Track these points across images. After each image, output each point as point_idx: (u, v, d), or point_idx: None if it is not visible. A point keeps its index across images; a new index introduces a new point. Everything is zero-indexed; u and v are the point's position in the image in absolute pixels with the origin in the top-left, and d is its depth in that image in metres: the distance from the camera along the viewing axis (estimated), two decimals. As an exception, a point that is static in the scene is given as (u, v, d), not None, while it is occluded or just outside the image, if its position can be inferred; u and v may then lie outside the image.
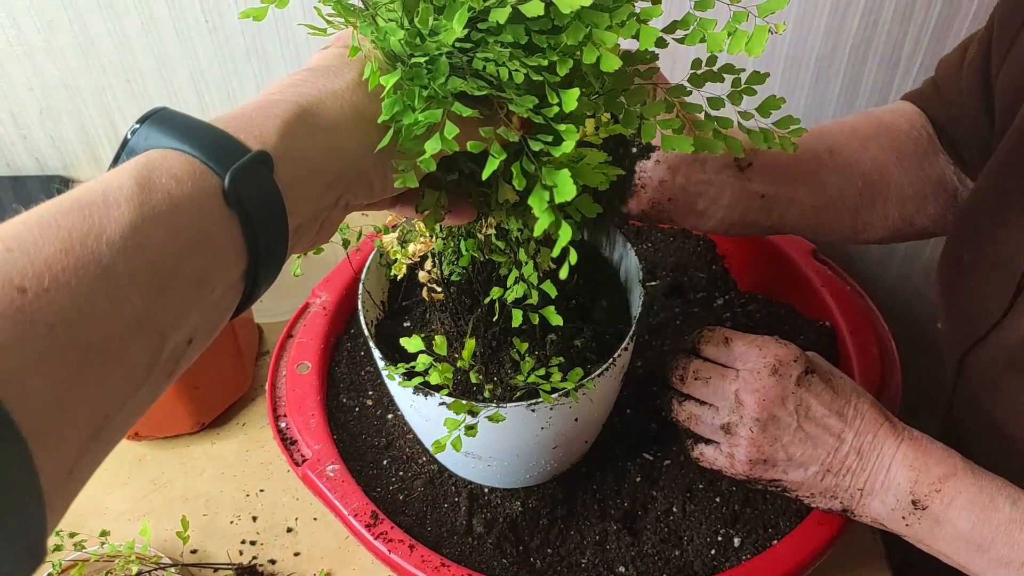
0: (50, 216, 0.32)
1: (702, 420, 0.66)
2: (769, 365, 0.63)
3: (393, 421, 0.79)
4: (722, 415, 0.65)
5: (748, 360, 0.64)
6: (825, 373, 0.65)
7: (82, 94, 1.13)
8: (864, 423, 0.62)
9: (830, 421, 0.62)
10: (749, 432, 0.63)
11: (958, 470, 0.59)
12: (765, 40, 0.43)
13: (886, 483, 0.61)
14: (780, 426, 0.63)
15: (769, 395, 0.63)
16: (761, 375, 0.63)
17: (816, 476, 0.63)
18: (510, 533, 0.71)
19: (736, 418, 0.64)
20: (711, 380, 0.66)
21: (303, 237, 0.43)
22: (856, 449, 0.62)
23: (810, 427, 0.63)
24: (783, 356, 0.64)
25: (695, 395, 0.67)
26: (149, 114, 0.37)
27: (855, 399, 0.63)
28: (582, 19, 0.41)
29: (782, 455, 0.63)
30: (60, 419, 0.30)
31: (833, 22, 1.00)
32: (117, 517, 0.84)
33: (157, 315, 0.34)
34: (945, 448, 0.61)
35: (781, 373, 0.63)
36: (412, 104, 0.41)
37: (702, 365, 0.67)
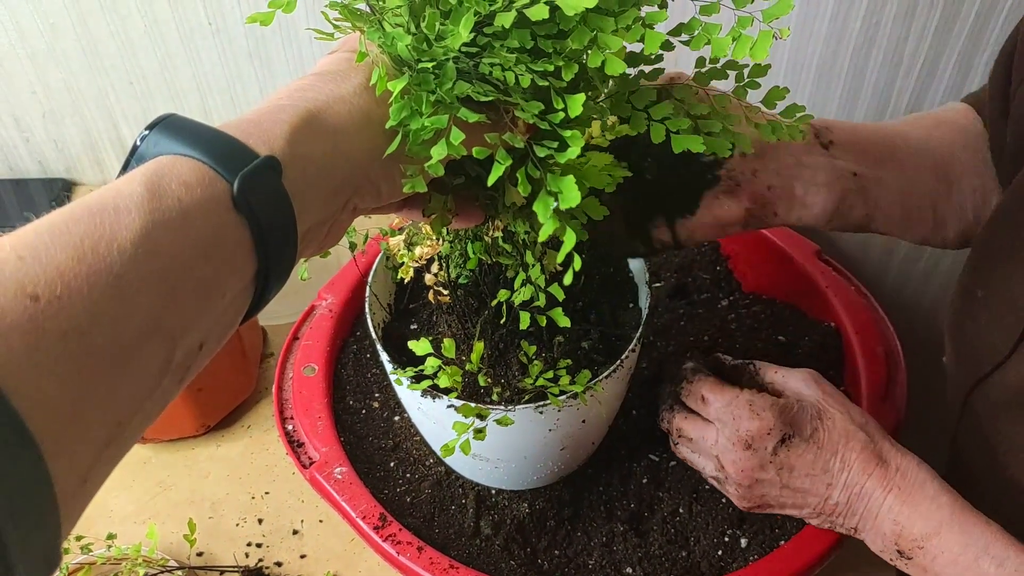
0: (61, 224, 0.32)
1: (696, 467, 0.70)
2: (741, 441, 0.64)
3: (400, 423, 0.79)
4: (709, 470, 0.68)
5: (724, 425, 0.65)
6: (807, 430, 0.64)
7: (85, 97, 1.13)
8: (851, 475, 0.62)
9: (815, 479, 0.63)
10: (736, 489, 0.66)
11: (942, 528, 0.58)
12: (770, 44, 0.44)
13: (875, 528, 0.61)
14: (765, 486, 0.64)
15: (747, 466, 0.64)
16: (736, 448, 0.64)
17: (810, 516, 0.65)
18: (517, 535, 0.71)
19: (723, 476, 0.66)
20: (693, 440, 0.68)
21: (312, 241, 0.43)
22: (844, 500, 0.62)
23: (796, 484, 0.63)
24: (755, 431, 0.63)
25: (684, 450, 0.70)
26: (158, 120, 0.38)
27: (843, 448, 0.62)
28: (587, 23, 0.41)
29: (775, 504, 0.66)
30: (74, 426, 0.30)
31: (835, 23, 1.00)
32: (123, 520, 0.84)
33: (168, 321, 0.34)
34: (936, 496, 0.59)
35: (755, 447, 0.63)
36: (419, 109, 0.41)
37: (684, 423, 0.69)
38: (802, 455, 0.63)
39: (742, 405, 0.65)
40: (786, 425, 0.63)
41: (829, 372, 0.82)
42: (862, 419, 0.64)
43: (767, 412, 0.64)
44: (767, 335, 0.86)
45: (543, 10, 0.39)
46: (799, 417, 0.64)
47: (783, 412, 0.64)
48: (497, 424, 0.59)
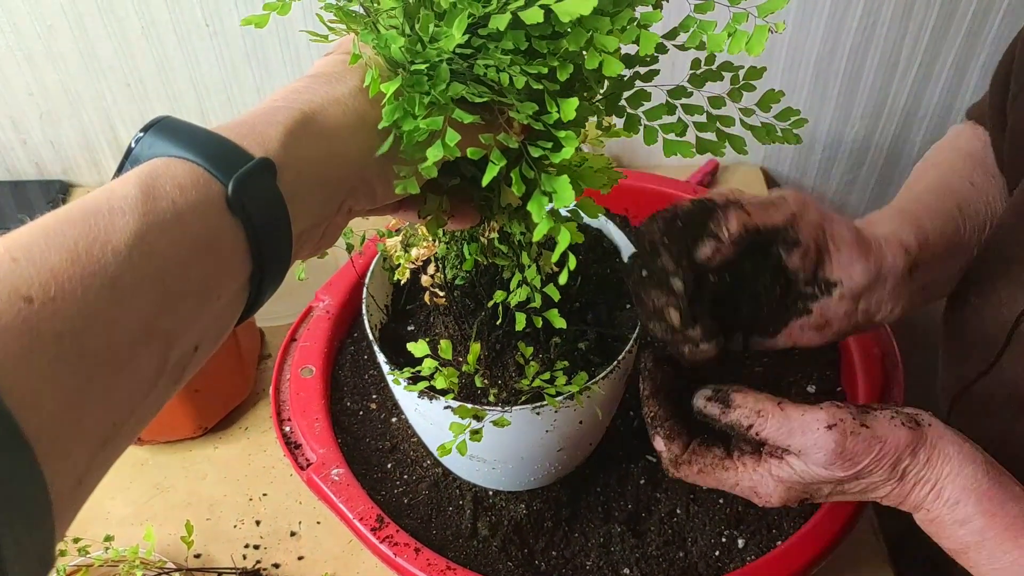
0: (55, 226, 0.32)
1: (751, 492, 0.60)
2: (780, 501, 0.58)
3: (397, 424, 0.79)
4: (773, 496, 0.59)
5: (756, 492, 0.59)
6: (854, 477, 0.56)
7: (82, 98, 1.13)
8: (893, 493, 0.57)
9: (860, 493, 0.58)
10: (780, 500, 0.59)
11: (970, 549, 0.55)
12: (765, 39, 0.44)
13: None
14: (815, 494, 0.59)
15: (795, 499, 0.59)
16: (790, 493, 0.58)
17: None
18: (515, 536, 0.71)
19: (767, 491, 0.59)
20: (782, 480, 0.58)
21: (307, 243, 0.43)
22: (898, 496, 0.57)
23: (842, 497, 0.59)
24: (786, 499, 0.58)
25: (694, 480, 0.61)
26: (152, 123, 0.38)
27: (872, 483, 0.56)
28: (583, 24, 0.41)
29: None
30: (69, 429, 0.30)
31: (832, 23, 1.00)
32: (120, 522, 0.84)
33: (163, 323, 0.34)
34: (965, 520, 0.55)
35: (811, 492, 0.58)
36: (413, 111, 0.41)
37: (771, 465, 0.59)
38: (844, 492, 0.58)
39: (746, 490, 0.59)
40: (798, 495, 0.58)
41: (826, 372, 0.82)
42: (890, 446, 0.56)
43: (774, 497, 0.59)
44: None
45: (538, 14, 0.39)
46: (812, 487, 0.58)
47: (791, 489, 0.58)
48: (494, 425, 0.59)
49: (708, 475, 0.60)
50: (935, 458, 0.55)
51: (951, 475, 0.54)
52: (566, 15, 0.39)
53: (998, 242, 0.67)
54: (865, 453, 0.54)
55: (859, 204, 1.19)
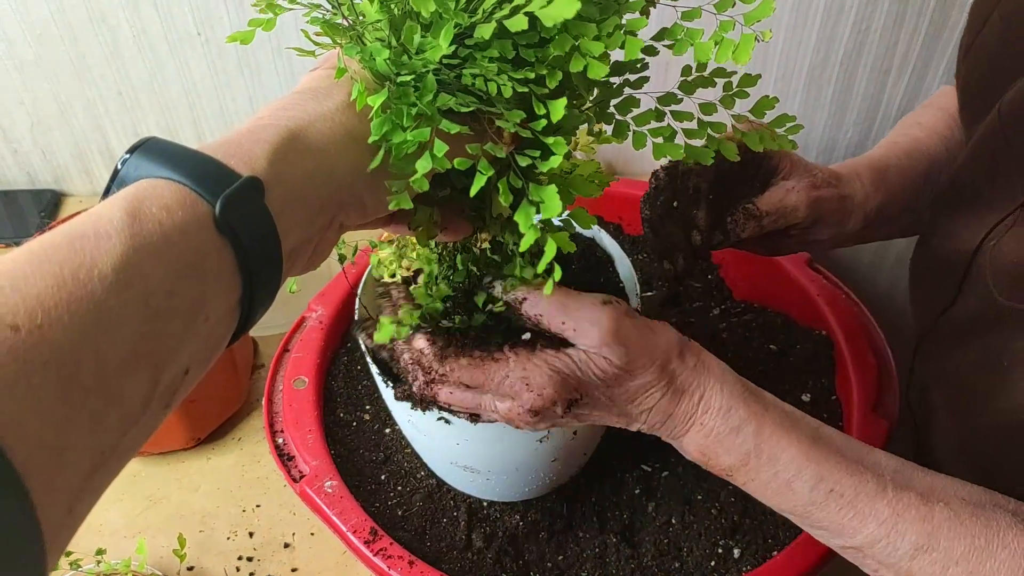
0: (41, 251, 0.31)
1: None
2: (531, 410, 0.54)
3: (391, 435, 0.79)
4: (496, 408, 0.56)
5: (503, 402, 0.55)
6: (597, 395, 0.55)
7: (73, 108, 1.13)
8: (651, 416, 0.55)
9: (611, 419, 0.56)
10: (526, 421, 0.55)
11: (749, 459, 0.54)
12: (752, 48, 0.43)
13: (684, 449, 0.56)
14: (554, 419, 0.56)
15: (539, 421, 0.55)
16: (522, 417, 0.55)
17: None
18: (510, 547, 0.71)
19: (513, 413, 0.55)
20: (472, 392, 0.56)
21: (298, 260, 0.43)
22: (647, 429, 0.56)
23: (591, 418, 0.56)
24: (538, 407, 0.54)
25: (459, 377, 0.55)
26: (138, 144, 0.37)
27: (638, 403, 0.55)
28: (568, 30, 0.41)
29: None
30: (57, 457, 0.30)
31: (825, 30, 1.00)
32: (112, 534, 0.84)
33: (152, 347, 0.33)
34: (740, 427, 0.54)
35: (544, 415, 0.55)
36: (401, 123, 0.40)
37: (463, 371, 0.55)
38: (593, 410, 0.56)
39: (517, 382, 0.54)
40: (571, 391, 0.55)
41: (821, 380, 0.82)
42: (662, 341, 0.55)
43: (548, 389, 0.54)
44: (758, 344, 0.86)
45: (522, 21, 0.39)
46: (585, 384, 0.55)
47: (565, 382, 0.54)
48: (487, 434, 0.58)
49: (477, 367, 0.55)
50: (700, 367, 0.55)
51: (716, 384, 0.55)
52: (550, 20, 0.39)
53: (957, 184, 0.69)
54: (639, 341, 0.53)
55: (853, 210, 1.19)
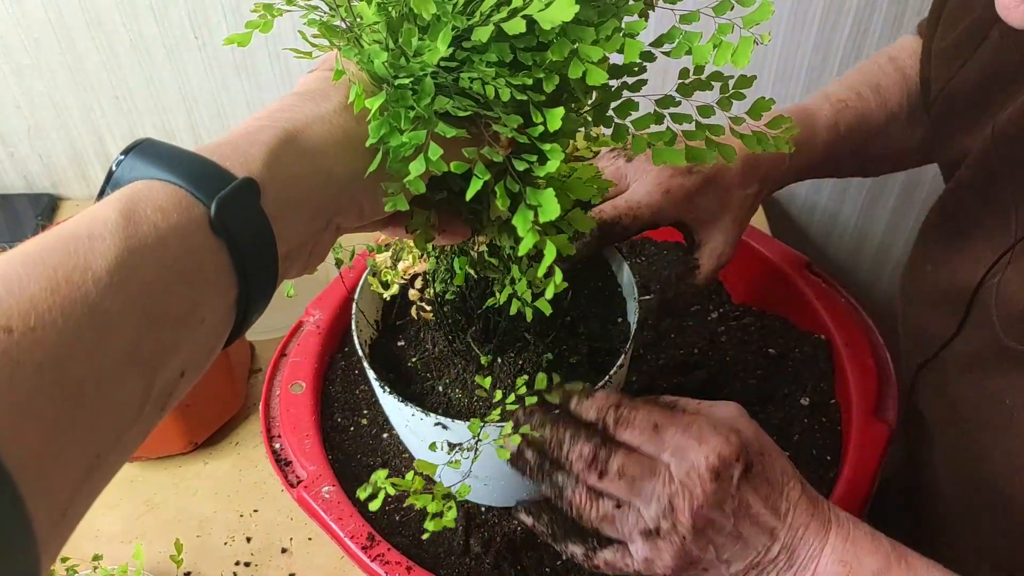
0: (35, 253, 0.31)
1: (620, 522, 0.54)
2: (711, 468, 0.53)
3: (389, 440, 0.79)
4: (648, 518, 0.54)
5: (684, 457, 0.54)
6: (761, 460, 0.56)
7: (70, 111, 1.13)
8: (796, 515, 0.55)
9: (766, 518, 0.54)
10: (682, 541, 0.53)
11: (891, 563, 0.53)
12: (751, 51, 0.43)
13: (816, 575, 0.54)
14: (715, 529, 0.53)
15: (709, 501, 0.53)
16: (702, 480, 0.53)
17: (738, 574, 0.55)
18: (508, 553, 0.71)
19: (668, 525, 0.53)
20: (636, 479, 0.54)
21: (294, 262, 0.42)
22: (787, 547, 0.54)
23: (745, 527, 0.54)
24: (726, 455, 0.53)
25: (613, 493, 0.54)
26: (133, 145, 0.37)
27: (787, 488, 0.55)
28: (567, 35, 0.41)
29: (711, 557, 0.54)
30: (51, 460, 0.30)
31: (823, 33, 1.00)
32: (109, 540, 0.83)
33: (147, 349, 0.33)
34: (874, 534, 0.55)
35: (723, 477, 0.53)
36: (399, 126, 0.40)
37: (627, 459, 0.54)
38: (759, 488, 0.54)
39: (706, 427, 0.54)
40: (749, 453, 0.55)
41: (820, 384, 0.82)
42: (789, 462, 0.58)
43: (734, 435, 0.54)
44: (757, 347, 0.86)
45: (520, 24, 0.38)
46: (753, 443, 0.56)
47: (742, 437, 0.55)
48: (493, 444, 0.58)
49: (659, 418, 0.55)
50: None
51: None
52: (548, 22, 0.38)
53: (949, 210, 0.68)
54: None
55: (851, 213, 1.19)
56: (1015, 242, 0.60)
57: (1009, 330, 0.59)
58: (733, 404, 0.59)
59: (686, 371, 0.83)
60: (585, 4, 0.41)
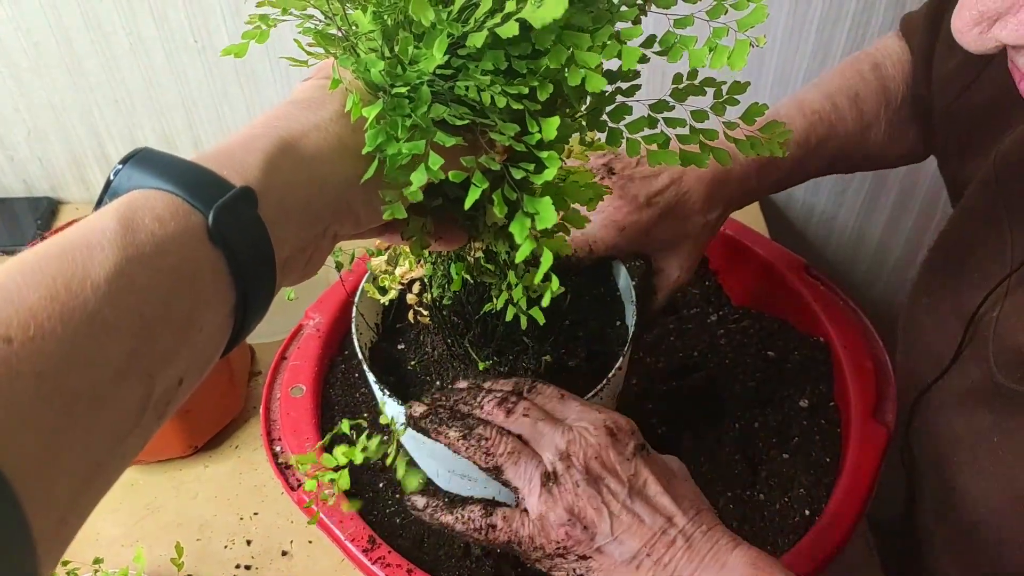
0: (33, 262, 0.31)
1: (521, 461, 0.55)
2: (606, 426, 0.55)
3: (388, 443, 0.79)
4: (547, 460, 0.55)
5: (583, 418, 0.56)
6: (662, 462, 0.57)
7: (69, 115, 1.13)
8: (700, 515, 0.54)
9: (663, 501, 0.54)
10: (574, 485, 0.53)
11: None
12: (747, 53, 0.43)
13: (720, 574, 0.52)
14: (611, 491, 0.54)
15: (603, 453, 0.54)
16: (597, 432, 0.55)
17: (633, 561, 0.53)
18: (509, 556, 0.71)
19: (563, 467, 0.54)
20: (540, 423, 0.56)
21: (292, 270, 0.43)
22: (687, 535, 0.53)
23: (639, 503, 0.53)
24: (622, 424, 0.56)
25: (519, 432, 0.56)
26: (131, 155, 0.37)
27: (693, 498, 0.55)
28: (563, 41, 0.41)
29: (604, 526, 0.53)
30: (50, 469, 0.30)
31: (821, 37, 1.00)
32: (110, 543, 0.83)
33: (146, 358, 0.33)
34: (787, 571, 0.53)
35: (618, 438, 0.55)
36: (395, 134, 0.40)
37: (532, 406, 0.57)
38: (656, 470, 0.55)
39: (605, 407, 0.58)
40: (646, 443, 0.56)
41: (819, 386, 0.82)
42: None
43: (628, 420, 0.57)
44: (756, 350, 0.86)
45: (513, 27, 0.39)
46: (656, 455, 0.57)
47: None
48: None
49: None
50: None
51: None
52: (539, 21, 0.38)
53: (947, 243, 0.68)
54: None
55: (848, 217, 1.19)
56: (1011, 271, 0.60)
57: (1003, 366, 0.58)
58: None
59: (685, 374, 0.83)
60: (580, 10, 0.41)
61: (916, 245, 1.19)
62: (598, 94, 0.48)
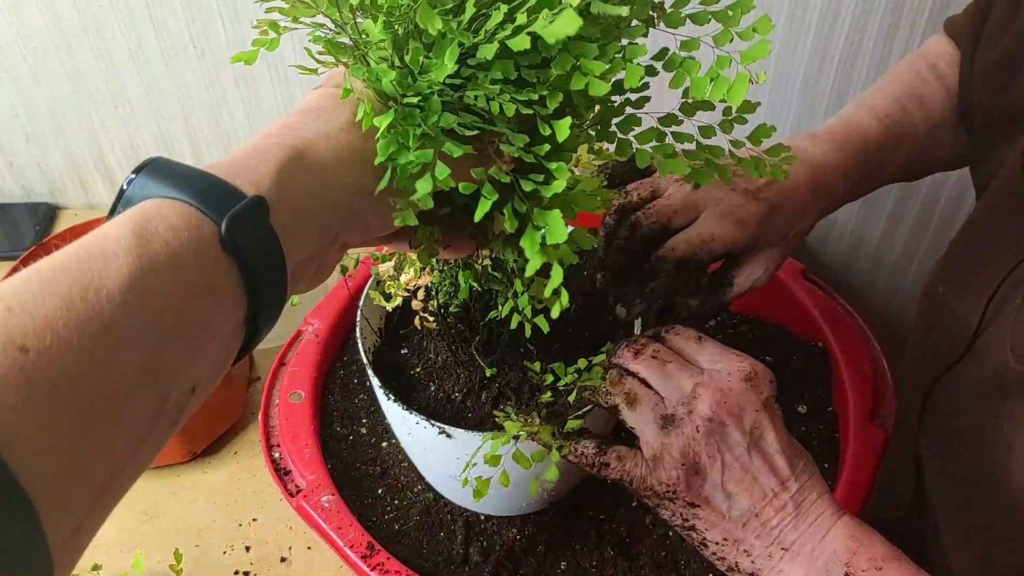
0: (49, 272, 0.31)
1: (640, 403, 0.55)
2: (744, 371, 0.55)
3: (388, 449, 0.79)
4: (668, 404, 0.54)
5: (720, 361, 0.56)
6: (780, 420, 0.56)
7: (69, 120, 1.13)
8: (811, 481, 0.54)
9: (779, 461, 0.53)
10: (694, 430, 0.53)
11: (903, 557, 0.51)
12: (745, 89, 0.44)
13: (818, 550, 0.52)
14: (728, 442, 0.53)
15: (732, 399, 0.53)
16: (732, 377, 0.54)
17: (740, 518, 0.53)
18: (507, 561, 0.71)
19: (684, 411, 0.54)
20: (669, 365, 0.56)
21: (302, 278, 0.43)
22: (796, 502, 0.53)
23: (757, 459, 0.53)
24: (761, 371, 0.55)
25: (644, 375, 0.56)
26: (144, 164, 0.37)
27: (807, 458, 0.55)
28: (569, 50, 0.42)
29: (716, 476, 0.53)
30: (67, 479, 0.30)
31: (819, 41, 1.01)
32: (108, 549, 0.83)
33: (160, 366, 0.33)
34: (888, 542, 0.53)
35: (754, 384, 0.55)
36: (407, 143, 0.41)
37: (663, 348, 0.57)
38: (779, 429, 0.54)
39: (745, 353, 0.57)
40: (776, 393, 0.56)
41: (817, 391, 0.82)
42: None
43: (767, 368, 0.57)
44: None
45: (525, 40, 0.39)
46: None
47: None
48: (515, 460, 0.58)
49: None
50: None
51: None
52: (552, 37, 0.39)
53: (968, 237, 0.68)
54: None
55: (848, 219, 1.20)
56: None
57: (1019, 353, 0.58)
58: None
59: (684, 379, 0.84)
60: (589, 21, 0.42)
61: (914, 250, 1.19)
62: (606, 105, 0.48)
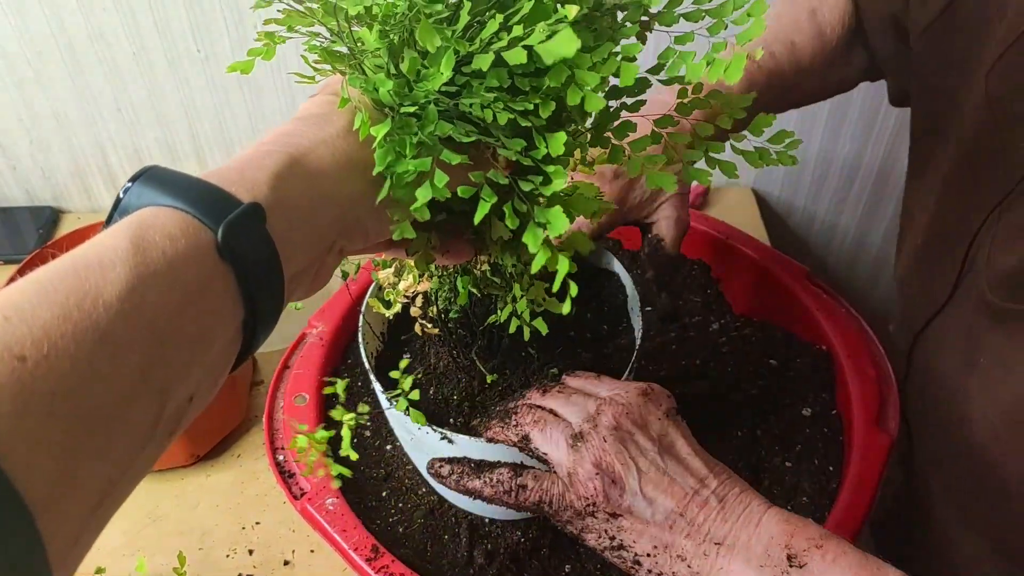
0: (46, 281, 0.31)
1: (549, 426, 0.56)
2: (640, 388, 0.57)
3: (392, 452, 0.79)
4: (575, 425, 0.55)
5: (616, 388, 0.58)
6: (687, 431, 0.57)
7: (72, 124, 1.13)
8: (731, 479, 0.53)
9: (693, 462, 0.53)
10: (601, 441, 0.53)
11: (839, 537, 0.50)
12: (743, 66, 0.44)
13: (755, 538, 0.50)
14: (638, 447, 0.53)
15: (633, 411, 0.55)
16: (629, 394, 0.56)
17: (665, 521, 0.51)
18: (512, 564, 0.71)
19: (590, 427, 0.54)
20: (573, 395, 0.58)
21: (299, 285, 0.43)
22: (720, 496, 0.52)
23: (671, 462, 0.53)
24: (657, 388, 0.58)
25: (551, 406, 0.58)
26: (141, 172, 0.37)
27: (720, 463, 0.55)
28: (564, 61, 0.42)
29: (633, 483, 0.52)
30: (65, 488, 0.30)
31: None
32: (111, 553, 0.83)
33: (157, 375, 0.33)
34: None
35: (651, 398, 0.56)
36: (403, 152, 0.41)
37: (566, 387, 0.60)
38: (687, 435, 0.55)
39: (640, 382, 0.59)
40: (678, 411, 0.57)
41: (821, 395, 0.82)
42: None
43: (664, 389, 0.59)
44: (758, 358, 0.86)
45: (521, 55, 0.39)
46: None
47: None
48: None
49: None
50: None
51: None
52: (550, 56, 0.39)
53: (946, 179, 0.67)
54: None
55: (850, 222, 1.20)
56: (1011, 189, 0.58)
57: (995, 286, 0.58)
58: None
59: (687, 382, 0.84)
60: (583, 30, 0.42)
61: (916, 252, 1.19)
62: (602, 110, 0.48)
